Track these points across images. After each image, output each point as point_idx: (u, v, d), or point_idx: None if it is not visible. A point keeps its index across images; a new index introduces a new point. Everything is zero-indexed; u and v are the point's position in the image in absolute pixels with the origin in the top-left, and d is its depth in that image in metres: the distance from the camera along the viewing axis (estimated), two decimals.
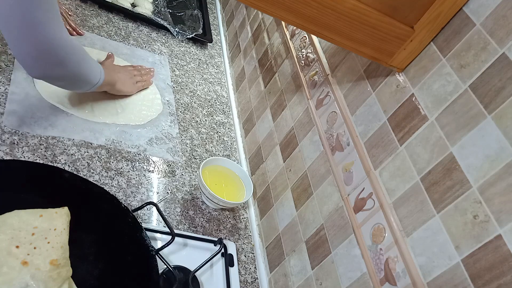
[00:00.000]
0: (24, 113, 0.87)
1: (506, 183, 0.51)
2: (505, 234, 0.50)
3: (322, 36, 0.66)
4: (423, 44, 0.67)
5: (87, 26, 1.17)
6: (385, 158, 0.70)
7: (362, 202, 0.72)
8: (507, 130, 0.53)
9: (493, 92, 0.55)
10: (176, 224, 0.91)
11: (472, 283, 0.52)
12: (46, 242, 0.64)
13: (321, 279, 0.77)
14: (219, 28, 1.57)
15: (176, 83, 1.22)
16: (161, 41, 1.32)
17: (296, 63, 1.02)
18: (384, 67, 0.73)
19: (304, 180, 0.89)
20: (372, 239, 0.68)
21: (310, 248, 0.82)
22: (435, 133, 0.62)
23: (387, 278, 0.64)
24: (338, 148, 0.81)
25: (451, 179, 0.58)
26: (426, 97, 0.65)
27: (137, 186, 0.91)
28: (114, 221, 0.75)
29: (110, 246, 0.72)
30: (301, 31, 1.05)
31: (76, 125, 0.92)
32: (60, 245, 0.65)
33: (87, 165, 0.87)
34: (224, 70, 1.42)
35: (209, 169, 0.99)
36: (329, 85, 0.88)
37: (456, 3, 0.62)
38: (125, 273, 0.70)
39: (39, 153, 0.83)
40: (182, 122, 1.12)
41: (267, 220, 0.98)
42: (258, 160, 1.09)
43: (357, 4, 0.62)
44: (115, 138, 0.96)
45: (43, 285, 0.60)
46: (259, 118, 1.15)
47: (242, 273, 0.91)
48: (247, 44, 1.34)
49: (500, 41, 0.56)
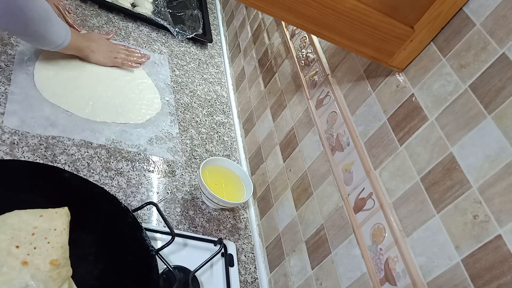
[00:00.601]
0: (24, 113, 0.87)
1: (506, 183, 0.51)
2: (505, 234, 0.50)
3: (322, 36, 0.66)
4: (423, 44, 0.67)
5: (87, 26, 1.17)
6: (385, 158, 0.70)
7: (362, 202, 0.72)
8: (507, 130, 0.53)
9: (493, 92, 0.55)
10: (176, 224, 0.91)
11: (472, 283, 0.52)
12: (46, 242, 0.64)
13: (321, 279, 0.77)
14: (219, 28, 1.57)
15: (176, 83, 1.22)
16: (161, 41, 1.32)
17: (296, 63, 1.02)
18: (384, 67, 0.73)
19: (304, 180, 0.89)
20: (372, 239, 0.68)
21: (310, 248, 0.82)
22: (435, 133, 0.62)
23: (387, 278, 0.64)
24: (338, 148, 0.81)
25: (451, 179, 0.58)
26: (426, 97, 0.65)
27: (137, 186, 0.91)
28: (114, 221, 0.75)
29: (110, 246, 0.72)
30: (301, 31, 1.05)
31: (76, 124, 0.92)
32: (60, 245, 0.65)
33: (87, 165, 0.87)
34: (224, 70, 1.42)
35: (209, 169, 0.99)
36: (329, 85, 0.88)
37: (456, 3, 0.62)
38: (125, 273, 0.70)
39: (39, 153, 0.83)
40: (182, 122, 1.12)
41: (267, 220, 0.98)
42: (258, 160, 1.09)
43: (357, 4, 0.62)
44: (115, 137, 0.96)
45: (43, 285, 0.60)
46: (259, 118, 1.15)
47: (242, 273, 0.91)
48: (247, 44, 1.34)
49: (500, 41, 0.56)
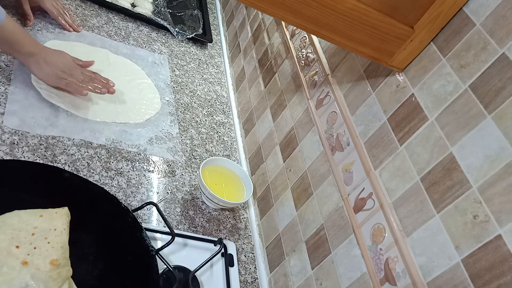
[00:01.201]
0: (24, 113, 0.86)
1: (506, 183, 0.51)
2: (505, 234, 0.50)
3: (322, 36, 0.66)
4: (423, 44, 0.67)
5: (87, 26, 1.17)
6: (385, 158, 0.70)
7: (362, 202, 0.72)
8: (507, 130, 0.53)
9: (493, 92, 0.55)
10: (176, 224, 0.91)
11: (472, 283, 0.52)
12: (46, 242, 0.64)
13: (321, 279, 0.77)
14: (219, 28, 1.57)
15: (176, 83, 1.22)
16: (161, 41, 1.32)
17: (296, 63, 1.02)
18: (384, 67, 0.73)
19: (304, 180, 0.89)
20: (372, 239, 0.68)
21: (310, 248, 0.82)
22: (435, 133, 0.62)
23: (387, 278, 0.64)
24: (338, 148, 0.81)
25: (451, 179, 0.58)
26: (426, 97, 0.65)
27: (137, 186, 0.91)
28: (114, 221, 0.75)
29: (110, 246, 0.72)
30: (301, 31, 1.05)
31: (76, 124, 0.92)
32: (60, 245, 0.65)
33: (87, 165, 0.87)
34: (224, 70, 1.42)
35: (209, 169, 0.99)
36: (329, 85, 0.88)
37: (456, 3, 0.62)
38: (125, 273, 0.70)
39: (39, 153, 0.83)
40: (182, 122, 1.12)
41: (267, 220, 0.98)
42: (258, 160, 1.09)
43: (357, 4, 0.62)
44: (115, 137, 0.96)
45: (43, 285, 0.60)
46: (259, 118, 1.15)
47: (242, 273, 0.91)
48: (247, 44, 1.34)
49: (500, 41, 0.56)
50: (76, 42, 1.10)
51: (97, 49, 1.12)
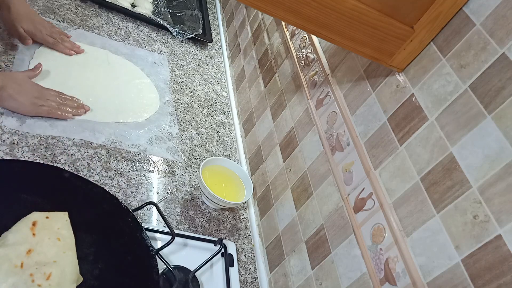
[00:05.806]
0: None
1: (506, 183, 0.51)
2: (505, 234, 0.50)
3: (322, 36, 0.66)
4: (423, 44, 0.67)
5: (87, 26, 1.17)
6: (385, 158, 0.70)
7: (362, 202, 0.72)
8: (507, 130, 0.53)
9: (493, 92, 0.55)
10: (176, 224, 0.91)
11: (472, 283, 0.52)
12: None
13: (321, 279, 0.77)
14: (219, 28, 1.57)
15: (176, 83, 1.22)
16: (161, 41, 1.32)
17: (296, 63, 1.02)
18: (384, 67, 0.73)
19: (304, 180, 0.89)
20: (372, 239, 0.68)
21: (310, 248, 0.82)
22: (435, 133, 0.62)
23: (387, 278, 0.64)
24: (338, 148, 0.81)
25: (451, 179, 0.58)
26: (426, 97, 0.65)
27: (137, 186, 0.91)
28: (114, 221, 0.75)
29: (110, 246, 0.72)
30: (301, 31, 1.05)
31: (76, 124, 0.92)
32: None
33: (87, 165, 0.87)
34: (224, 70, 1.42)
35: (209, 169, 0.99)
36: (329, 85, 0.88)
37: (456, 3, 0.62)
38: (125, 273, 0.70)
39: (39, 153, 0.83)
40: (182, 122, 1.12)
41: (267, 220, 0.98)
42: (258, 160, 1.09)
43: (357, 4, 0.62)
44: (115, 137, 0.96)
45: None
46: (259, 118, 1.15)
47: (242, 273, 0.91)
48: (247, 44, 1.34)
49: (500, 41, 0.56)
50: (76, 42, 1.10)
51: (97, 49, 1.13)
